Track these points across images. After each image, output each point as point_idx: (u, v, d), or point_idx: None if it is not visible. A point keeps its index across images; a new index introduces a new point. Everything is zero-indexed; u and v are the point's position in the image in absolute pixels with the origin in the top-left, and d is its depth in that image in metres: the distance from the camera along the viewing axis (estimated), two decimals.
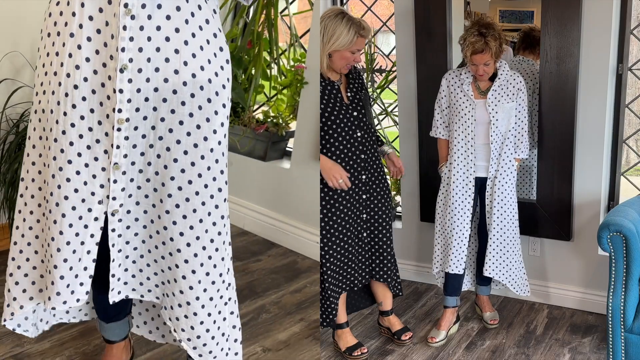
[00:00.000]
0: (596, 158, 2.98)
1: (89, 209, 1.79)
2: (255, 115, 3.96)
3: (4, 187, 3.22)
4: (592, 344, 2.84)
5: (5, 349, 2.54)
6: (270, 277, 3.31)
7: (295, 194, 3.64)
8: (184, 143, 1.75)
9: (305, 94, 3.58)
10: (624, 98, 2.97)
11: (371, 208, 2.73)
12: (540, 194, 3.09)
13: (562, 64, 2.92)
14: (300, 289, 3.19)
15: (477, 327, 3.02)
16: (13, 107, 3.34)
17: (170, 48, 1.68)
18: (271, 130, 3.76)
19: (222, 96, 1.80)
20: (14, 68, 3.38)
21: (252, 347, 2.66)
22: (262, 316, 2.91)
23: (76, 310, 2.25)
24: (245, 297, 3.08)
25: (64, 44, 1.69)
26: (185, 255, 1.82)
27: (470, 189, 2.82)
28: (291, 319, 2.89)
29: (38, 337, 2.61)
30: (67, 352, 2.54)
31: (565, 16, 2.87)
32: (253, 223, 3.90)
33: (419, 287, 3.46)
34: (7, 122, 3.33)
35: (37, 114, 1.81)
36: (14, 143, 3.21)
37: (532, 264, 3.22)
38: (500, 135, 2.77)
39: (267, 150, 3.79)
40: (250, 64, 3.90)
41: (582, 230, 3.07)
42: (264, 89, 4.09)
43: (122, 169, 1.75)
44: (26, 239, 1.91)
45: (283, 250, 3.66)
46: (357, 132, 2.62)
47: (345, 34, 2.50)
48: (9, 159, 3.20)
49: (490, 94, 2.74)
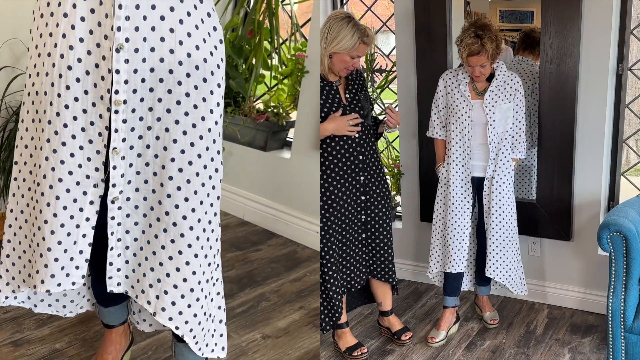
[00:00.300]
0: (596, 158, 2.98)
1: (84, 192, 1.77)
2: (255, 105, 3.95)
3: (3, 175, 3.20)
4: (592, 344, 2.84)
5: (4, 335, 2.55)
6: (270, 266, 3.32)
7: (296, 183, 3.64)
8: (183, 123, 1.74)
9: (306, 83, 3.57)
10: (624, 98, 2.97)
11: (371, 210, 2.72)
12: (540, 194, 3.09)
13: (562, 64, 2.92)
14: (300, 278, 3.20)
15: (477, 327, 3.02)
16: (13, 95, 3.33)
17: (165, 27, 1.67)
18: (271, 120, 3.76)
19: (217, 76, 1.78)
20: (13, 55, 3.36)
21: (252, 334, 2.67)
22: (262, 304, 2.92)
23: (72, 305, 2.23)
24: (245, 286, 3.09)
25: (57, 25, 1.68)
26: (189, 240, 1.80)
27: (468, 188, 2.83)
28: (291, 307, 2.90)
29: (38, 324, 2.63)
30: (67, 338, 2.55)
31: (565, 16, 2.87)
32: (253, 213, 3.91)
33: (419, 287, 3.46)
34: (7, 109, 3.32)
35: (31, 95, 1.79)
36: (14, 131, 3.19)
37: (532, 264, 3.22)
38: (497, 135, 2.77)
39: (268, 140, 3.79)
40: (251, 54, 3.90)
41: (582, 230, 3.07)
42: (265, 79, 4.08)
43: (120, 154, 1.74)
44: (18, 222, 1.90)
45: (283, 240, 3.67)
46: (354, 133, 2.62)
47: (349, 37, 2.50)
48: (8, 147, 3.17)
49: (487, 95, 2.74)
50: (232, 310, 2.85)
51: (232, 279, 3.14)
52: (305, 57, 3.59)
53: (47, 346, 2.49)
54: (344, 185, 2.63)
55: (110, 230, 1.81)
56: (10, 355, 2.43)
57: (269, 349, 2.57)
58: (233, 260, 3.36)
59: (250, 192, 3.94)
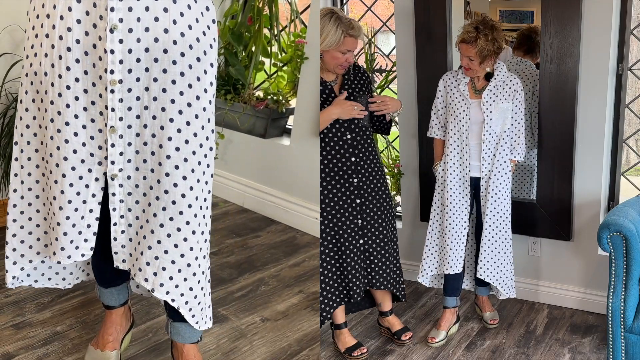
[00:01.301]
0: (596, 158, 2.98)
1: (89, 169, 1.83)
2: (255, 92, 3.95)
3: (3, 161, 3.20)
4: (592, 344, 2.84)
5: (6, 318, 2.59)
6: (270, 252, 3.34)
7: (295, 170, 3.64)
8: (178, 102, 1.77)
9: (305, 70, 3.57)
10: (624, 98, 2.97)
11: (367, 213, 2.65)
12: (540, 194, 3.09)
13: (562, 64, 2.92)
14: (299, 263, 3.22)
15: (477, 327, 3.02)
16: (12, 82, 3.32)
17: (159, 7, 1.70)
18: (271, 107, 3.75)
19: (210, 56, 1.81)
20: (13, 42, 3.35)
21: (251, 317, 2.70)
22: (261, 288, 2.95)
23: (71, 277, 2.29)
24: (244, 271, 3.11)
25: (54, 7, 1.71)
26: (187, 217, 1.85)
27: (466, 187, 2.83)
28: (289, 291, 2.93)
29: (39, 307, 2.68)
30: (68, 321, 2.59)
31: (565, 16, 2.87)
32: (253, 200, 3.91)
33: (419, 287, 3.46)
34: (7, 96, 3.32)
35: (29, 76, 1.83)
36: (14, 117, 3.19)
37: (532, 264, 3.22)
38: (494, 135, 2.76)
39: (267, 127, 3.79)
40: (250, 41, 3.89)
41: (582, 230, 3.07)
42: (264, 66, 4.07)
43: (118, 132, 1.78)
44: (26, 199, 1.95)
45: (282, 227, 3.69)
46: (346, 134, 2.58)
47: (332, 33, 2.44)
48: (9, 133, 3.18)
49: (485, 94, 2.74)
50: (232, 294, 2.88)
51: (232, 264, 3.16)
52: (305, 43, 3.58)
53: (49, 329, 2.53)
54: (335, 187, 2.58)
55: (112, 207, 1.87)
56: (12, 338, 2.47)
57: (268, 332, 2.60)
58: (232, 247, 3.37)
59: (249, 179, 3.95)
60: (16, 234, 2.00)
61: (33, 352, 2.38)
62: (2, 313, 2.62)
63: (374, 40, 3.67)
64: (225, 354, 2.44)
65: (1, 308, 2.66)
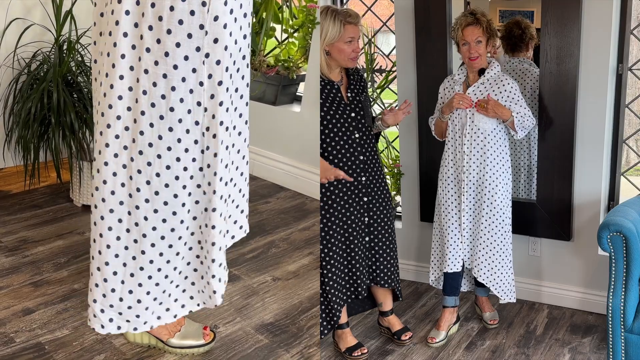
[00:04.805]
0: (596, 158, 2.98)
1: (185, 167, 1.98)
2: (265, 59, 3.92)
3: (17, 126, 3.21)
4: (592, 344, 2.84)
5: (25, 277, 2.70)
6: (280, 217, 3.42)
7: (306, 137, 3.65)
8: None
9: (317, 35, 3.55)
10: (624, 98, 2.97)
11: (373, 211, 2.69)
12: (540, 194, 3.09)
13: (562, 64, 2.92)
14: (308, 227, 3.30)
15: (477, 327, 3.02)
16: (24, 47, 3.31)
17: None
18: (282, 74, 3.73)
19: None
20: (24, 7, 3.33)
21: (263, 276, 2.80)
22: (272, 250, 3.04)
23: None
24: (255, 234, 3.20)
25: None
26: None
27: (461, 187, 2.82)
28: (300, 253, 3.02)
29: (56, 267, 2.80)
30: (85, 280, 2.68)
31: (565, 16, 2.87)
32: (262, 168, 3.93)
33: (419, 287, 3.47)
34: (19, 61, 3.31)
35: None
36: (26, 83, 3.21)
37: (532, 264, 3.22)
38: (479, 132, 2.73)
39: (278, 94, 3.79)
40: (261, 7, 3.84)
41: (582, 230, 3.07)
42: (275, 32, 4.04)
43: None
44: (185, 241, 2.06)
45: (292, 193, 3.76)
46: (355, 133, 2.61)
47: (332, 25, 2.50)
48: (21, 99, 3.19)
49: (471, 89, 2.75)
50: (243, 255, 2.97)
51: None
52: (317, 7, 3.56)
53: (66, 286, 2.63)
54: (345, 185, 2.62)
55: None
56: (31, 295, 2.56)
57: (279, 290, 2.70)
58: None
59: (259, 147, 3.96)
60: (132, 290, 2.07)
61: (52, 307, 2.47)
62: (20, 272, 2.73)
63: (374, 40, 3.67)
64: (238, 310, 2.54)
65: (19, 268, 2.76)
